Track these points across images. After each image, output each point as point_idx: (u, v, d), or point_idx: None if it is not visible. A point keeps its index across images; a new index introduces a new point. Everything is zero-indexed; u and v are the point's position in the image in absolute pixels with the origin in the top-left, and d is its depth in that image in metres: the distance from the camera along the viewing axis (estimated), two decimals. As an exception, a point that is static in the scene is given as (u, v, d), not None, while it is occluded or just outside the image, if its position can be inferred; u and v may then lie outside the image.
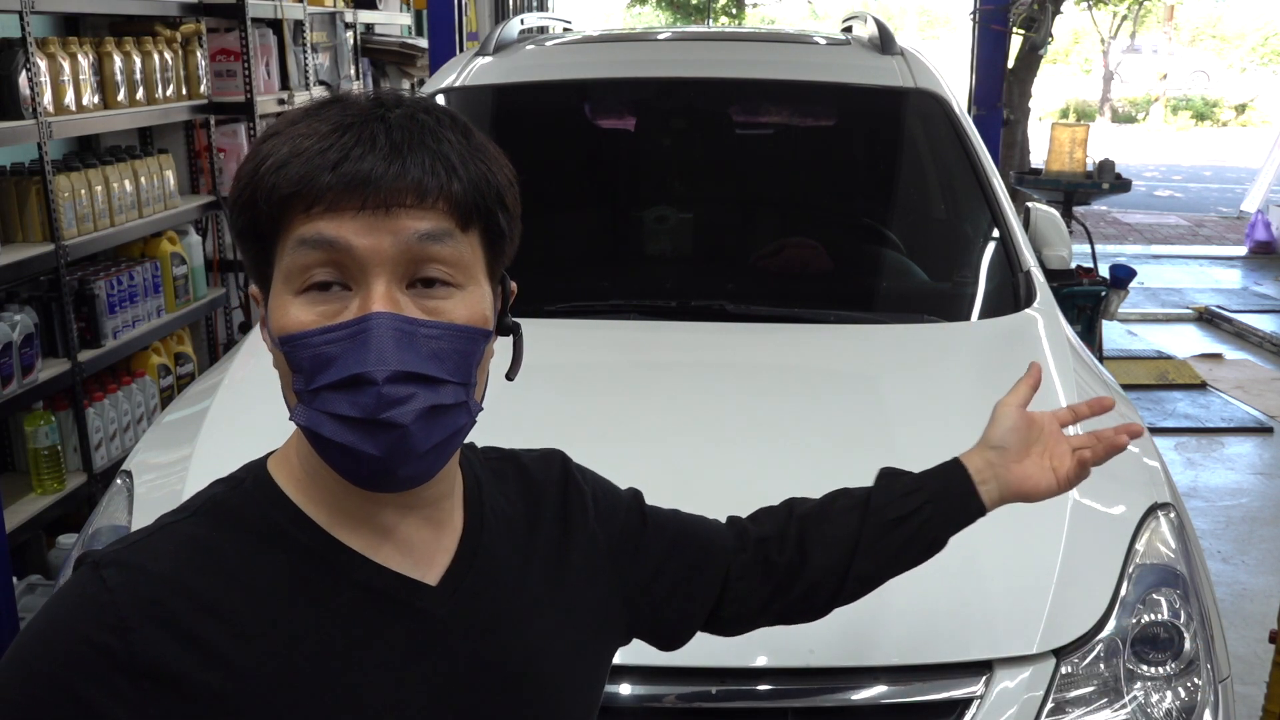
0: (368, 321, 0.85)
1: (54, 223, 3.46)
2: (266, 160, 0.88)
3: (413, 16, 7.57)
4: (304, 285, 0.88)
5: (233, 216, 0.92)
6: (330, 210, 0.86)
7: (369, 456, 0.87)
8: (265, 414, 1.16)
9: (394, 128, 0.88)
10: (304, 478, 0.95)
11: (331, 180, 0.85)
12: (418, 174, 0.87)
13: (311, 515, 0.94)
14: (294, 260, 0.87)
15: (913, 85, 2.89)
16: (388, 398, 0.85)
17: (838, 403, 2.15)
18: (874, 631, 1.59)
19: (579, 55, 3.38)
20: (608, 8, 27.71)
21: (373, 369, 0.85)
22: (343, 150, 0.86)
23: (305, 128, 0.88)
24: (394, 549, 0.96)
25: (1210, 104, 23.74)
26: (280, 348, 0.89)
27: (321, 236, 0.86)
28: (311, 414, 0.87)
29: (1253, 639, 3.47)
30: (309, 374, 0.87)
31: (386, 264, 0.87)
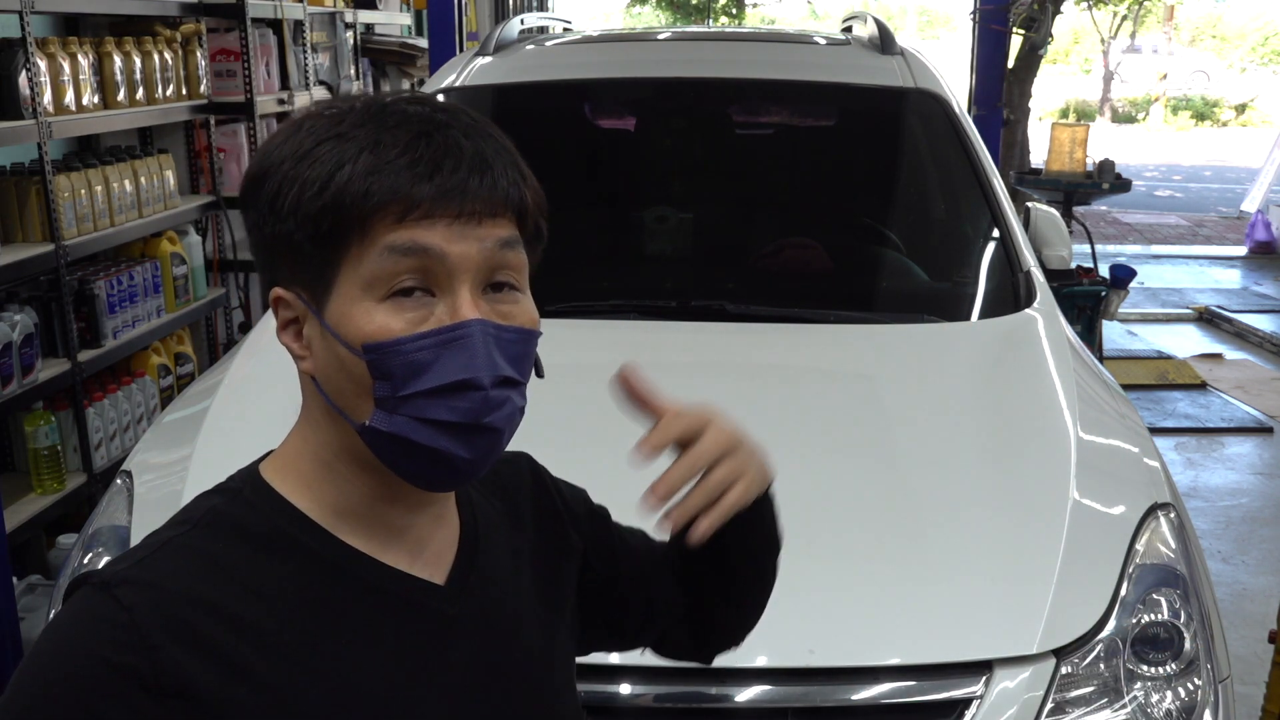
0: (465, 328, 0.86)
1: (54, 223, 3.46)
2: (344, 166, 0.86)
3: (413, 16, 7.57)
4: (389, 291, 0.87)
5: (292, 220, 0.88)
6: (426, 218, 0.86)
7: (460, 459, 0.88)
8: (265, 414, 1.16)
9: (469, 135, 0.89)
10: (317, 482, 0.94)
11: (430, 190, 0.86)
12: (504, 184, 0.89)
13: (318, 520, 0.93)
14: (380, 267, 0.86)
15: (913, 85, 2.89)
16: (492, 402, 0.87)
17: (838, 402, 2.15)
18: (874, 631, 1.59)
19: (579, 55, 3.38)
20: (608, 8, 27.72)
21: (480, 375, 0.86)
22: (434, 161, 0.87)
23: (377, 133, 0.88)
24: (403, 550, 0.96)
25: (1210, 104, 23.75)
26: (364, 356, 0.87)
27: (415, 244, 0.86)
28: (399, 420, 0.86)
29: (1253, 639, 3.47)
30: (400, 380, 0.86)
31: (472, 270, 0.88)
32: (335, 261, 0.88)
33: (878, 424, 2.05)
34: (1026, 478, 1.88)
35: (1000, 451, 1.96)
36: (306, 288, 0.90)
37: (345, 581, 0.92)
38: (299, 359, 0.92)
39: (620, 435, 1.94)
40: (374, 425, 0.88)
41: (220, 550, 0.90)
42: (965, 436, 2.00)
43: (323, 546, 0.92)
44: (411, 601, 0.94)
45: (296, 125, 0.92)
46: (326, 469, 0.93)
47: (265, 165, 0.90)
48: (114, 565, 0.90)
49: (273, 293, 0.93)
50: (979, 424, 2.05)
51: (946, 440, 1.98)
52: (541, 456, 1.20)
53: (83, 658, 0.84)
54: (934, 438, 1.98)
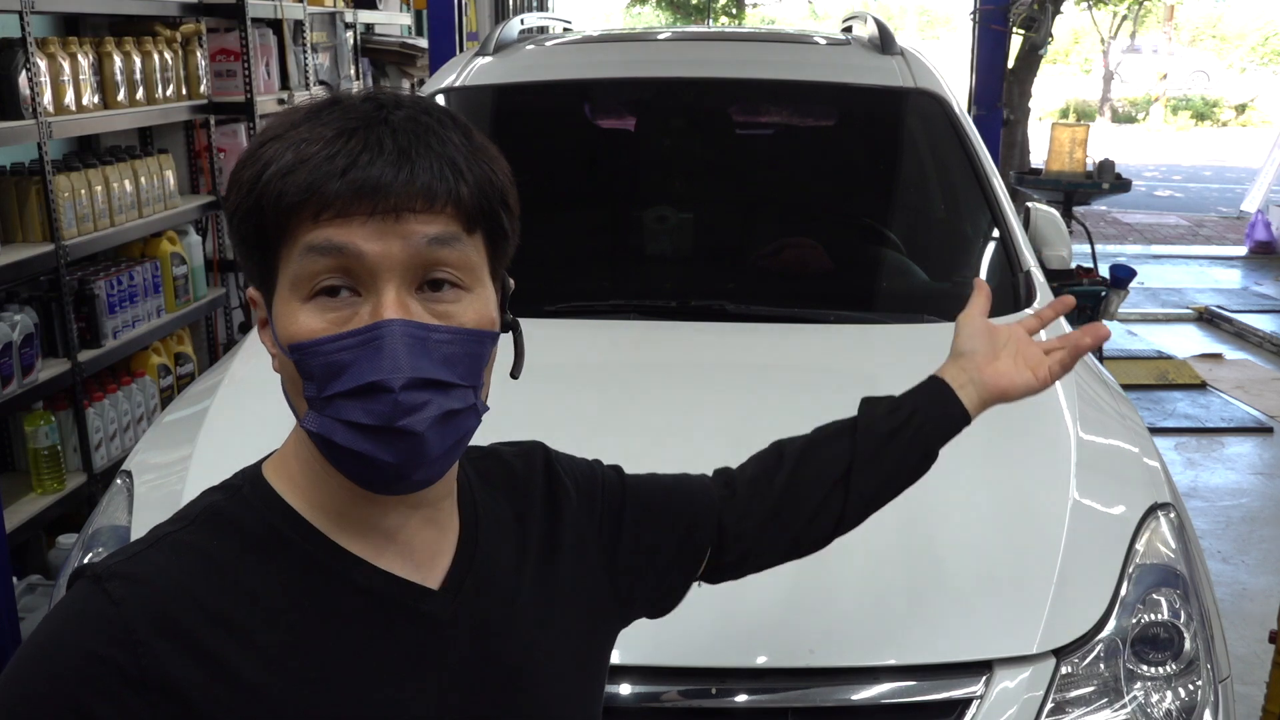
0: (381, 329, 0.84)
1: (54, 223, 3.46)
2: (269, 166, 0.86)
3: (413, 16, 7.57)
4: (312, 292, 0.86)
5: (234, 222, 0.90)
6: (339, 216, 0.85)
7: (384, 463, 0.86)
8: (265, 414, 1.16)
9: (399, 131, 0.87)
10: (304, 483, 0.94)
11: (340, 187, 0.84)
12: (426, 179, 0.86)
13: (312, 520, 0.93)
14: (301, 267, 0.86)
15: (913, 85, 2.89)
16: (404, 405, 0.84)
17: (838, 402, 2.13)
18: (874, 631, 1.59)
19: (579, 55, 3.38)
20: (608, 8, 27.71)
21: (388, 376, 0.84)
22: (350, 156, 0.85)
23: (307, 131, 0.87)
24: (396, 553, 0.95)
25: (1210, 104, 23.75)
26: (289, 355, 0.87)
27: (330, 243, 0.85)
28: (324, 421, 0.86)
29: (1253, 639, 3.47)
30: (321, 381, 0.86)
31: (396, 269, 0.86)
32: (272, 262, 0.88)
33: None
34: (1026, 478, 1.88)
35: (1000, 451, 1.95)
36: (260, 287, 0.91)
37: (336, 583, 0.92)
38: (273, 359, 0.92)
39: (619, 433, 1.95)
40: (306, 425, 0.88)
41: (214, 548, 0.91)
42: (965, 436, 1.99)
43: (315, 548, 0.92)
44: (403, 605, 0.93)
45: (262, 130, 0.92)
46: (308, 468, 0.93)
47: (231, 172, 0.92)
48: (110, 559, 0.91)
49: (248, 293, 0.95)
50: (978, 424, 2.04)
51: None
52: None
53: (71, 650, 0.85)
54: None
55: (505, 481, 1.09)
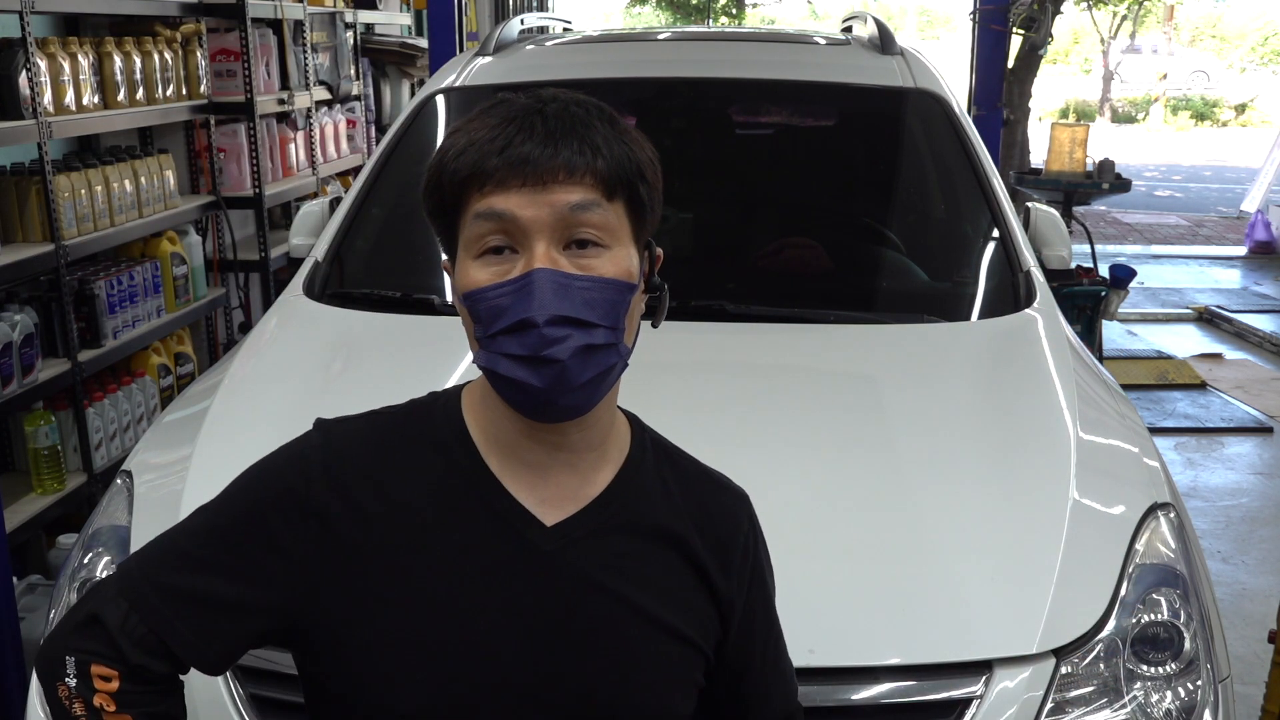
0: (531, 276, 1.02)
1: (54, 223, 3.46)
2: (448, 151, 1.07)
3: (413, 16, 7.57)
4: (481, 250, 1.05)
5: (425, 200, 1.10)
6: (499, 187, 1.03)
7: (534, 388, 1.03)
8: (265, 414, 1.17)
9: (549, 118, 1.05)
10: (480, 409, 1.13)
11: (498, 163, 1.03)
12: (568, 154, 1.04)
13: (475, 440, 1.13)
14: (472, 231, 1.05)
15: (913, 85, 2.89)
16: (549, 338, 1.02)
17: (838, 403, 2.15)
18: (874, 631, 1.59)
19: (579, 55, 3.38)
20: (608, 8, 27.72)
21: (535, 314, 1.01)
22: (507, 138, 1.04)
23: (479, 122, 1.07)
24: (530, 485, 1.11)
25: (1210, 104, 23.75)
26: (464, 303, 1.06)
27: (492, 210, 1.04)
28: (489, 355, 1.04)
29: (1253, 639, 3.47)
30: (487, 322, 1.04)
31: (545, 229, 1.03)
32: (453, 231, 1.09)
33: (877, 424, 2.05)
34: (1026, 478, 1.88)
35: (1000, 451, 1.96)
36: (449, 253, 1.11)
37: (471, 492, 1.11)
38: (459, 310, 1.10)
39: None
40: (476, 361, 1.07)
41: (400, 431, 1.14)
42: (965, 436, 2.00)
43: (466, 459, 1.12)
44: (513, 526, 1.10)
45: None
46: (485, 398, 1.13)
47: None
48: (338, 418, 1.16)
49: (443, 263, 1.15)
50: (979, 424, 2.05)
51: (946, 440, 1.98)
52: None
53: (272, 473, 1.13)
54: (934, 438, 1.98)
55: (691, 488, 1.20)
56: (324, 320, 2.45)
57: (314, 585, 1.08)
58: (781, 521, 1.73)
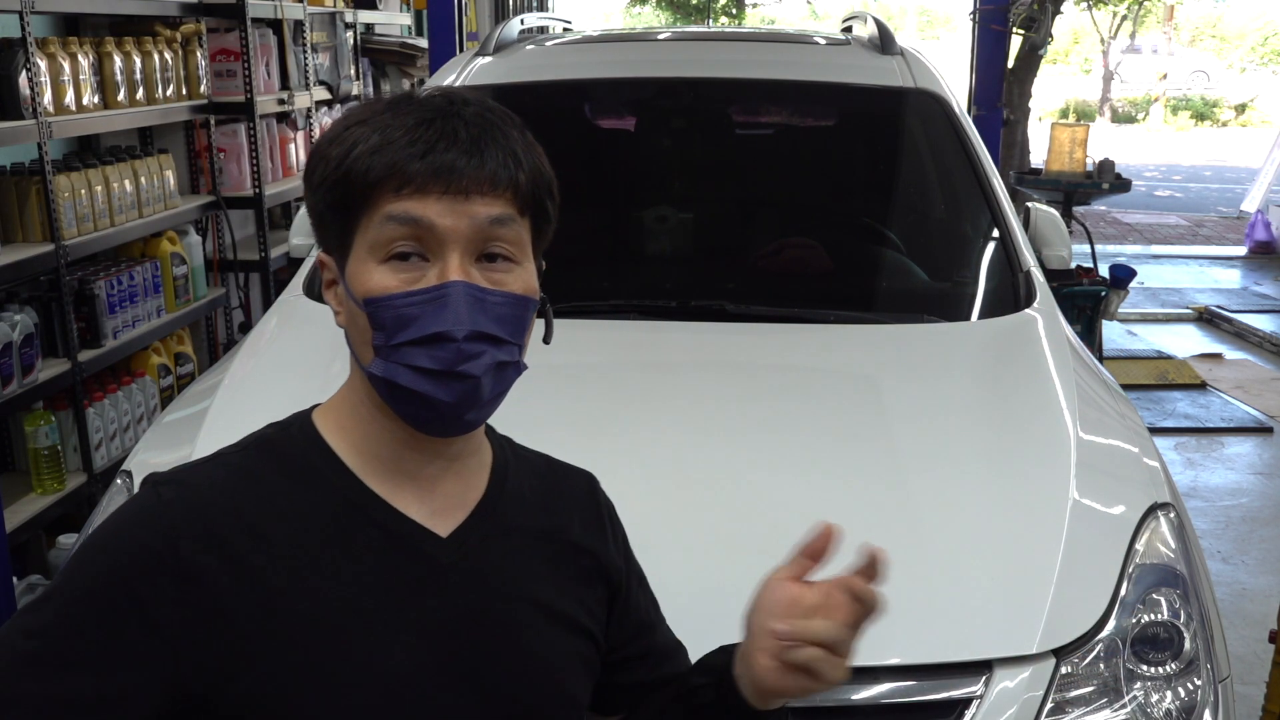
0: (447, 288, 0.99)
1: (54, 223, 3.46)
2: (357, 146, 1.01)
3: (413, 16, 7.57)
4: (387, 255, 1.01)
5: (319, 192, 1.04)
6: (418, 192, 0.99)
7: (442, 403, 1.00)
8: (265, 414, 1.17)
9: (469, 123, 1.02)
10: (351, 427, 1.08)
11: (420, 167, 0.99)
12: (493, 166, 1.01)
13: (347, 461, 1.07)
14: (380, 233, 1.00)
15: (913, 85, 2.89)
16: (465, 353, 0.99)
17: (838, 403, 2.15)
18: (873, 631, 1.58)
19: (579, 55, 3.38)
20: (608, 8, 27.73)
21: (453, 328, 0.99)
22: (429, 142, 1.00)
23: (391, 119, 1.01)
24: (416, 497, 1.07)
25: (1210, 104, 23.75)
26: (364, 308, 1.01)
27: (408, 215, 0.99)
28: (390, 366, 1.00)
29: (1253, 639, 3.47)
30: (391, 331, 1.00)
31: (461, 241, 1.00)
32: (350, 228, 1.03)
33: (877, 424, 2.05)
34: (1026, 478, 1.88)
35: (1000, 451, 1.95)
36: (333, 252, 1.06)
37: (357, 516, 1.05)
38: (336, 314, 1.07)
39: (619, 433, 1.95)
40: (371, 370, 1.02)
41: (259, 470, 1.06)
42: (965, 436, 2.00)
43: (343, 484, 1.06)
44: (409, 543, 1.06)
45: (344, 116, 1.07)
46: (354, 413, 1.08)
47: (314, 149, 1.07)
48: (173, 469, 1.07)
49: (317, 256, 1.10)
50: (979, 424, 2.05)
51: (946, 440, 1.98)
52: (542, 450, 1.22)
53: (125, 540, 1.00)
54: (934, 437, 1.98)
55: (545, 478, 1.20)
56: (324, 320, 2.44)
57: (201, 653, 0.98)
58: (781, 521, 1.73)
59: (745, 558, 1.66)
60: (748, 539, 1.70)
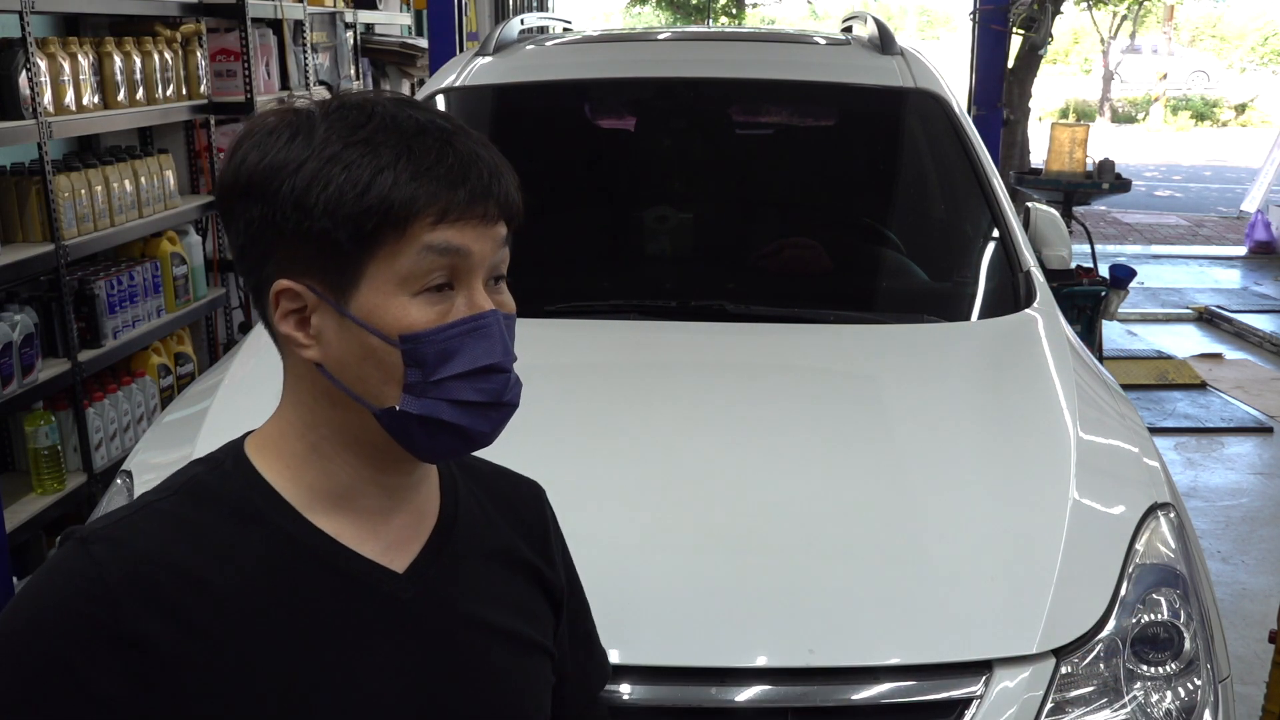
0: (487, 319, 0.96)
1: (54, 223, 3.46)
2: (382, 171, 0.92)
3: (413, 16, 7.57)
4: (423, 287, 0.94)
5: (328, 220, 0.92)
6: (459, 220, 0.94)
7: (479, 434, 0.99)
8: (265, 414, 1.17)
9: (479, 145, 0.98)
10: (298, 462, 1.00)
11: (463, 195, 0.94)
12: (512, 190, 0.99)
13: (289, 498, 0.99)
14: (417, 264, 0.94)
15: (913, 85, 2.89)
16: (514, 382, 0.99)
17: (837, 403, 2.15)
18: (874, 631, 1.59)
19: (579, 55, 3.38)
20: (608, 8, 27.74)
21: (502, 359, 0.97)
22: (463, 169, 0.95)
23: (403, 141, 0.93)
24: (368, 533, 1.01)
25: (1210, 104, 23.75)
26: (399, 345, 0.94)
27: (449, 245, 0.94)
28: (428, 403, 0.95)
29: (1253, 639, 3.47)
30: (432, 367, 0.94)
31: (485, 266, 0.98)
32: (366, 257, 0.94)
33: (877, 424, 2.05)
34: (1026, 478, 1.88)
35: (1000, 451, 1.96)
36: (324, 281, 0.95)
37: (304, 558, 0.98)
38: (301, 348, 0.98)
39: (619, 433, 1.95)
40: (403, 409, 0.95)
41: (193, 516, 0.97)
42: (965, 436, 2.00)
43: (287, 523, 0.98)
44: (365, 583, 0.99)
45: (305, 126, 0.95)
46: (312, 450, 1.00)
47: (276, 162, 0.93)
48: (96, 522, 0.98)
49: (278, 284, 0.96)
50: (979, 424, 2.05)
51: (946, 440, 1.98)
52: (541, 451, 1.22)
53: (54, 606, 0.92)
54: (934, 437, 1.98)
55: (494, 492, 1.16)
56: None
57: None
58: (782, 521, 1.73)
59: (745, 558, 1.67)
60: (747, 539, 1.70)
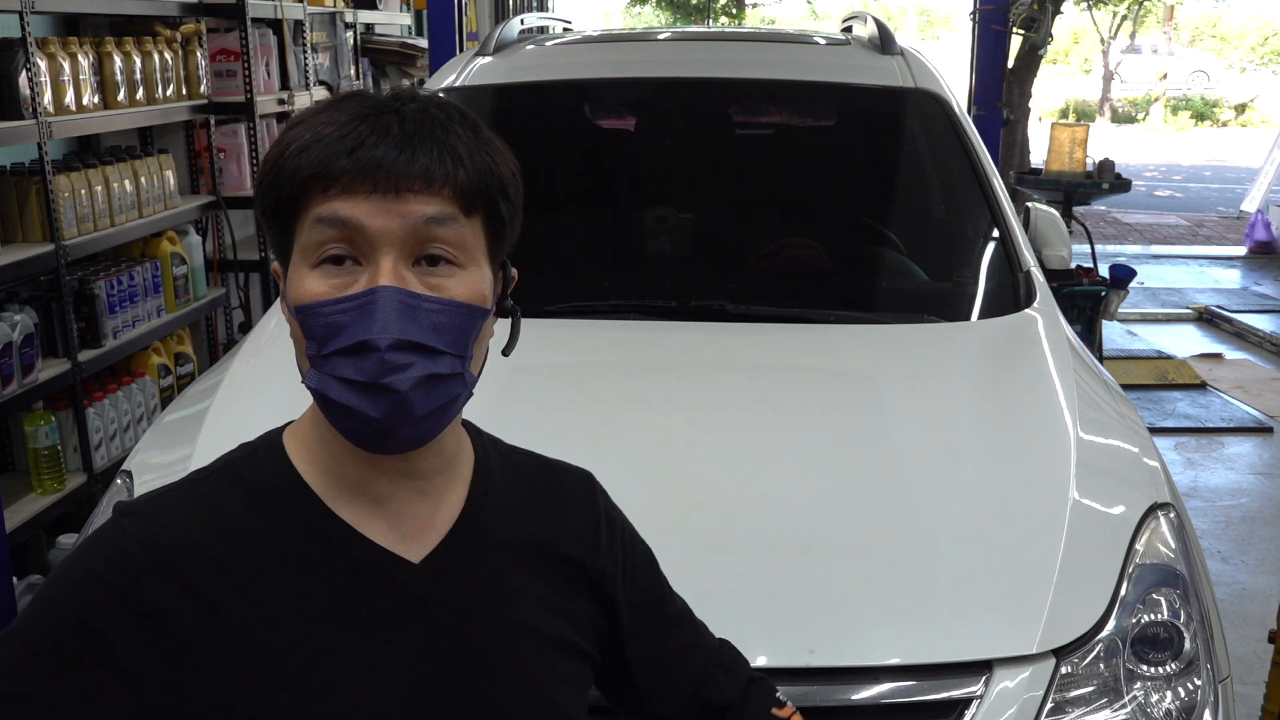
0: (374, 294, 0.93)
1: (54, 223, 3.46)
2: (290, 145, 0.96)
3: (413, 16, 7.57)
4: (319, 259, 0.95)
5: (258, 196, 0.99)
6: (345, 192, 0.93)
7: (370, 419, 0.94)
8: (265, 414, 1.17)
9: (407, 120, 0.96)
10: (314, 445, 1.02)
11: (347, 164, 0.93)
12: (425, 162, 0.94)
13: (311, 484, 1.01)
14: (310, 236, 0.95)
15: (913, 85, 2.89)
16: (389, 364, 0.92)
17: (838, 403, 2.15)
18: (874, 631, 1.59)
19: (579, 55, 3.38)
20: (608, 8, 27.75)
21: (376, 337, 0.92)
22: (358, 138, 0.94)
23: (327, 117, 0.96)
24: (385, 522, 1.02)
25: (1210, 104, 23.75)
26: (295, 316, 0.96)
27: (336, 216, 0.94)
28: (321, 378, 0.95)
29: (1253, 639, 3.47)
30: (320, 340, 0.94)
31: (395, 243, 0.94)
32: (289, 233, 0.98)
33: (877, 424, 2.05)
34: (1026, 478, 1.88)
35: (1000, 451, 1.96)
36: (280, 259, 1.01)
37: (322, 544, 1.00)
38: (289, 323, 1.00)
39: (619, 433, 1.95)
40: (306, 382, 0.97)
41: (222, 497, 1.01)
42: (965, 436, 2.00)
43: (308, 509, 1.00)
44: (379, 573, 1.00)
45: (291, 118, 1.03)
46: (317, 432, 1.03)
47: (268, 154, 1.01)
48: (140, 497, 1.03)
49: (272, 267, 1.04)
50: (979, 424, 2.05)
51: (946, 440, 1.98)
52: (542, 452, 1.21)
53: (84, 573, 0.97)
54: (934, 437, 1.98)
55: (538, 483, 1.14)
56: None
57: (166, 692, 0.95)
58: (782, 521, 1.73)
59: (745, 558, 1.67)
60: (747, 539, 1.70)
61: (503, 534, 1.08)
